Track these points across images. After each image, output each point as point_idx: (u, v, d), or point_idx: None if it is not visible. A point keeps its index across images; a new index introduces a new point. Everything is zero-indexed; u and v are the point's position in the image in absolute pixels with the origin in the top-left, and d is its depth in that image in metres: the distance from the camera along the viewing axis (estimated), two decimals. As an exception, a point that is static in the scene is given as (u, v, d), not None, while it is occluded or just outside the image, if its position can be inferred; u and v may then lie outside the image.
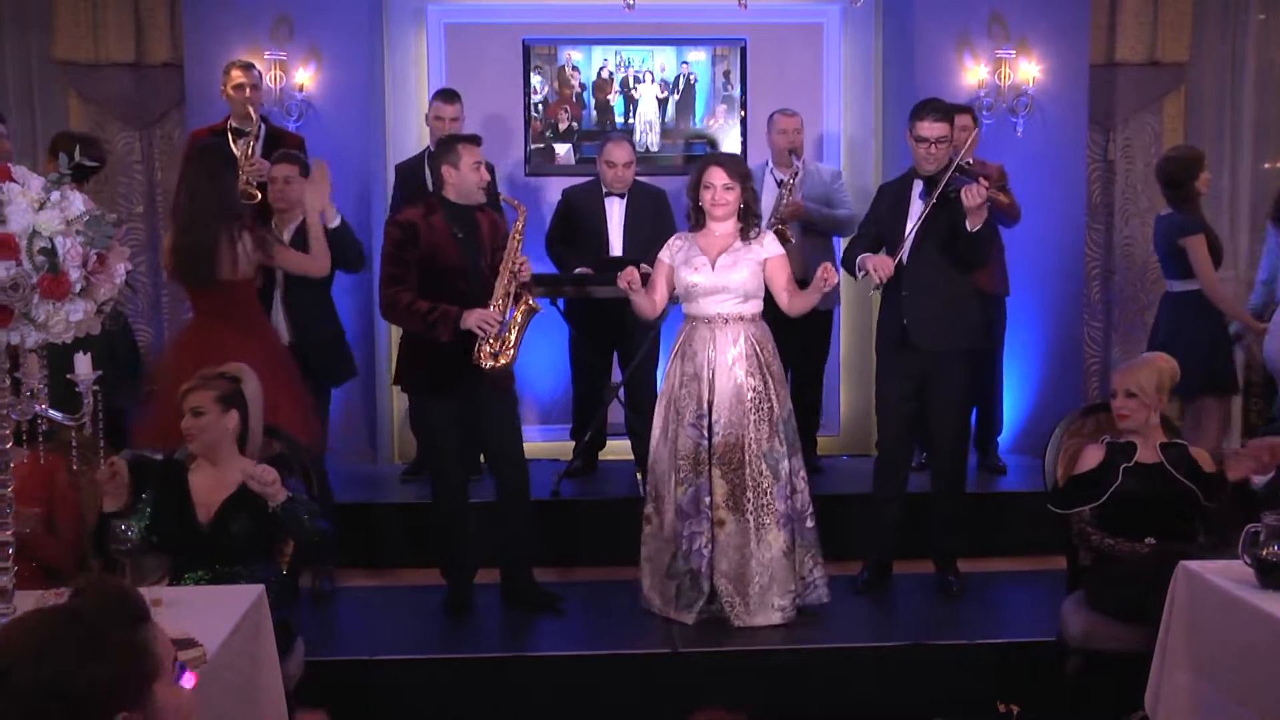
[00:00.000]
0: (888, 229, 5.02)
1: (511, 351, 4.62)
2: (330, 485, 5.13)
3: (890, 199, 5.07)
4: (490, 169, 4.88)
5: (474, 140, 4.78)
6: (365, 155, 6.45)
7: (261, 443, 3.90)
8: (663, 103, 6.92)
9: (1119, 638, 3.88)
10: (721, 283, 4.63)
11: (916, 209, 4.92)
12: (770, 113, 6.22)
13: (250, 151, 5.46)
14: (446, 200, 4.74)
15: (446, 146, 4.77)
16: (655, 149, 6.92)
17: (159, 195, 6.75)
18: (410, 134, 6.79)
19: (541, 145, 6.89)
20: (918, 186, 4.96)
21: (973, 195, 4.65)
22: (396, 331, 5.79)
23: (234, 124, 5.72)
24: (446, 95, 5.97)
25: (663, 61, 6.91)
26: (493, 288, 4.64)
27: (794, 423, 4.74)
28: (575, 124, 6.89)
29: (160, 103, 6.75)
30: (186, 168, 4.82)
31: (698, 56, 6.91)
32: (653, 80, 6.91)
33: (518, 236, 4.66)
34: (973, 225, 4.72)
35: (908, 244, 4.86)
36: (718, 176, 4.64)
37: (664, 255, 4.76)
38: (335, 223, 5.13)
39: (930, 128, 4.86)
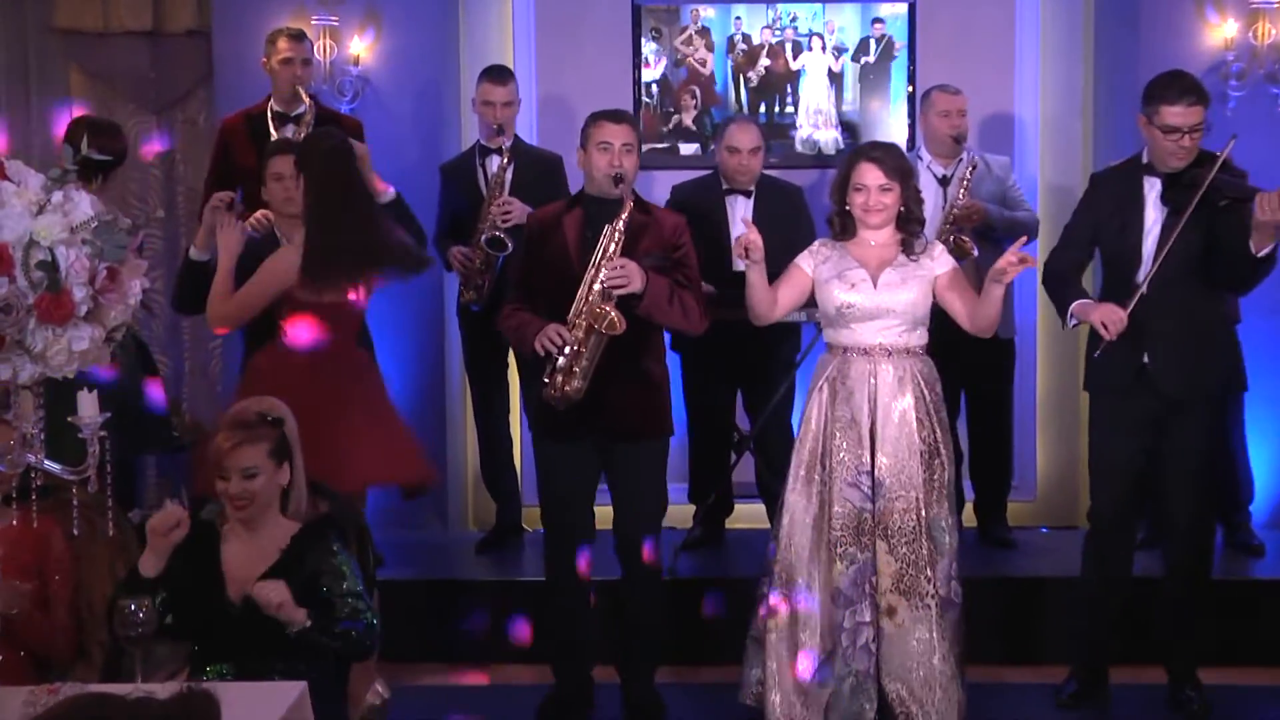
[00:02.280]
0: (1112, 239, 4.90)
1: (578, 382, 4.60)
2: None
3: (1113, 199, 4.93)
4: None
5: (610, 116, 4.81)
6: (436, 141, 6.50)
7: (306, 500, 3.91)
8: (836, 79, 6.76)
9: None
10: (885, 304, 4.59)
11: (1155, 216, 4.80)
12: (926, 89, 6.15)
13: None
14: (586, 194, 4.82)
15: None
16: (827, 148, 6.75)
17: (181, 195, 6.87)
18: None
19: (664, 146, 6.75)
20: (1153, 185, 4.82)
21: (1274, 207, 4.46)
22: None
23: (276, 106, 5.79)
24: (496, 74, 5.99)
25: (837, 19, 6.72)
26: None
27: (956, 482, 4.74)
28: (707, 115, 6.75)
29: (183, 80, 6.89)
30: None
31: (896, 10, 6.70)
32: (824, 48, 6.74)
33: (615, 237, 4.64)
34: (1259, 247, 4.56)
35: (1152, 264, 4.74)
36: (872, 175, 4.59)
37: (804, 262, 4.73)
38: (390, 195, 5.31)
39: (1185, 113, 4.69)
